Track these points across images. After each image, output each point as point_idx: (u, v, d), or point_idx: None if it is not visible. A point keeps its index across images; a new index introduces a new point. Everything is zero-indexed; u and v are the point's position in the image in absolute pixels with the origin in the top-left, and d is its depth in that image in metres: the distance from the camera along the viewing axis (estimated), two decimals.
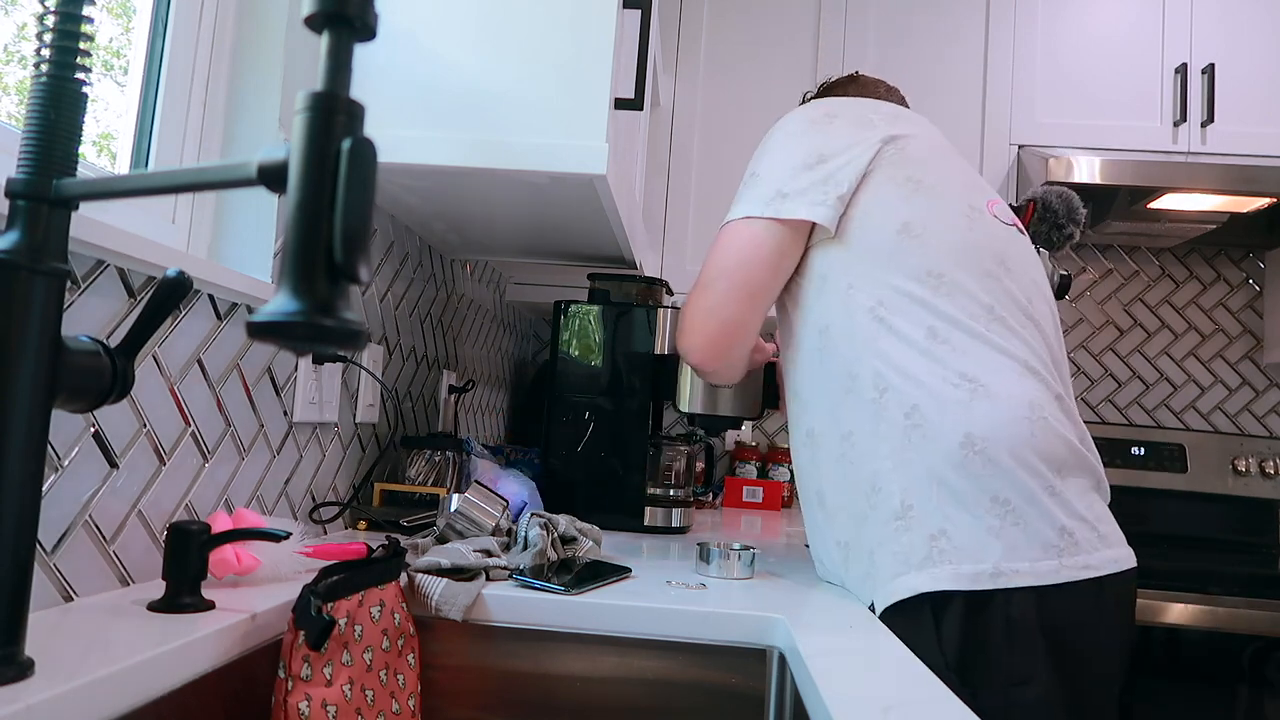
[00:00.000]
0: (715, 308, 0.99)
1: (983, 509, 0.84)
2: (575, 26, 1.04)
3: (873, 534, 0.90)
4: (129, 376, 0.57)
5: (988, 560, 0.83)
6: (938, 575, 0.83)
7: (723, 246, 1.00)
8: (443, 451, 1.37)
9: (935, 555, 0.84)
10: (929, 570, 0.84)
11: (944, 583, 0.83)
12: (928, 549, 0.85)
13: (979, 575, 0.82)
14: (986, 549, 0.83)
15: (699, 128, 2.20)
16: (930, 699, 0.62)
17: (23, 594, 0.52)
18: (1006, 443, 0.86)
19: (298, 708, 0.67)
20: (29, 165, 0.53)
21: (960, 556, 0.83)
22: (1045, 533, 0.85)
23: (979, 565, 0.83)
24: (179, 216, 0.98)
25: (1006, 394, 0.88)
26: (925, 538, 0.85)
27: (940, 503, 0.85)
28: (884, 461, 0.89)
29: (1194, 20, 2.10)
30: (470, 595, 0.86)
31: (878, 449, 0.90)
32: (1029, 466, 0.86)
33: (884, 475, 0.89)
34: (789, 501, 2.31)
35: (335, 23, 0.42)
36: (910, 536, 0.86)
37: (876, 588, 0.89)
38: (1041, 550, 0.84)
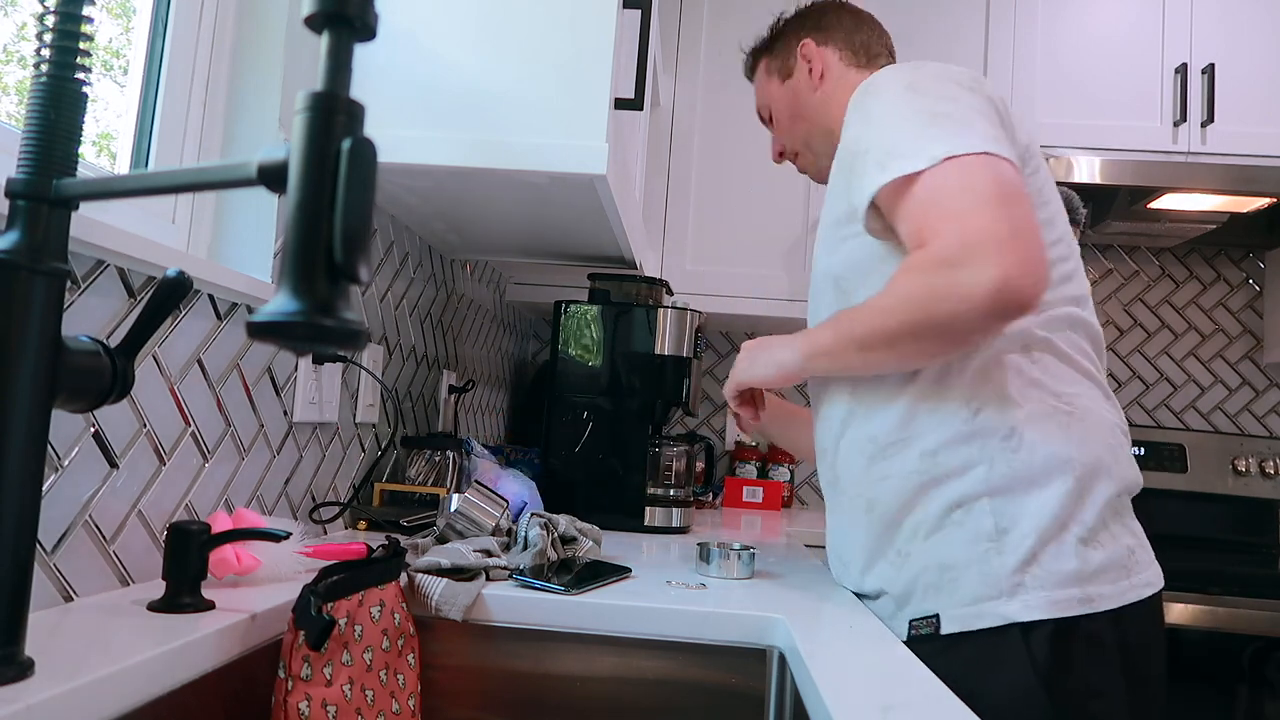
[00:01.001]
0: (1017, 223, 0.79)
1: (1073, 534, 0.84)
2: (575, 26, 1.04)
3: (951, 551, 0.86)
4: (129, 376, 0.57)
5: (1077, 585, 0.82)
6: (1031, 603, 0.82)
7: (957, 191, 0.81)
8: (443, 451, 1.37)
9: (1029, 582, 0.82)
10: (1022, 597, 0.82)
11: (1038, 611, 0.81)
12: (1021, 575, 0.83)
13: (1070, 601, 0.82)
14: (1076, 574, 0.83)
15: (699, 128, 2.20)
16: (930, 699, 0.62)
17: (23, 594, 0.52)
18: (1098, 467, 0.86)
19: (298, 708, 0.67)
20: (29, 165, 0.53)
21: (1052, 582, 0.82)
22: (1119, 554, 0.85)
23: (1069, 591, 0.82)
24: (179, 216, 0.98)
25: (1096, 418, 0.88)
26: (1018, 562, 0.83)
27: (1036, 527, 0.84)
28: (976, 483, 0.86)
29: (1194, 20, 2.10)
30: (470, 595, 0.86)
31: (969, 470, 0.86)
32: (1113, 490, 0.87)
33: (973, 495, 0.86)
34: (789, 501, 2.31)
35: (335, 23, 0.42)
36: (1003, 560, 0.83)
37: (951, 603, 0.86)
38: (1117, 572, 0.85)
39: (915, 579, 0.89)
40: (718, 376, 2.54)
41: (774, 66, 1.22)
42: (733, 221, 2.18)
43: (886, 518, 0.92)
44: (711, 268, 2.17)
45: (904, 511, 0.90)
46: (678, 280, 2.16)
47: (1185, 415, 2.39)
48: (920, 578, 0.88)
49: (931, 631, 0.86)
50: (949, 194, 0.81)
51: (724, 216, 2.18)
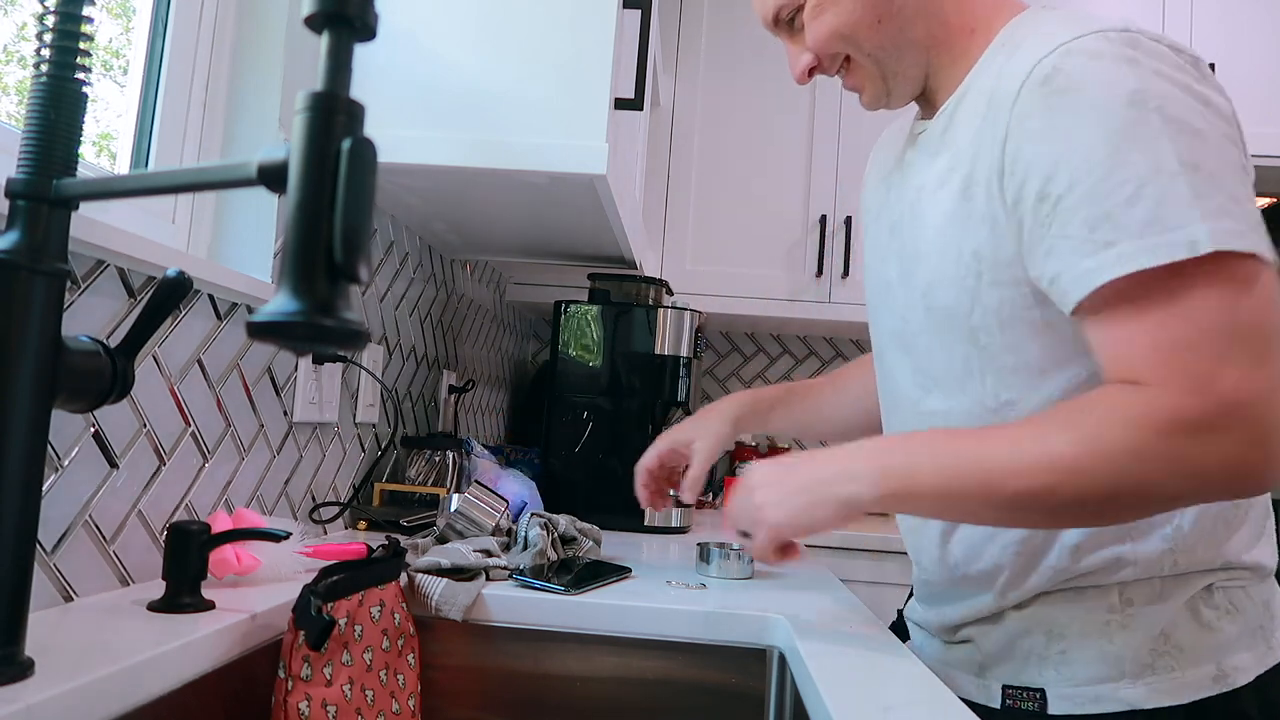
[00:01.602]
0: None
1: (1205, 604, 0.72)
2: (575, 26, 1.04)
3: (1069, 620, 0.73)
4: (129, 376, 0.57)
5: (1209, 661, 0.70)
6: (1159, 688, 0.70)
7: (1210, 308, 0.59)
8: (443, 451, 1.37)
9: (1156, 664, 0.70)
10: (1147, 681, 0.70)
11: (1166, 696, 0.70)
12: (1149, 656, 0.70)
13: (1202, 681, 0.70)
14: (1209, 648, 0.71)
15: (699, 128, 2.20)
16: (930, 699, 0.62)
17: (23, 594, 0.52)
18: (1256, 550, 0.73)
19: (298, 708, 0.67)
20: (29, 165, 0.53)
21: (1183, 661, 0.70)
22: (1256, 614, 0.73)
23: (1201, 668, 0.70)
24: (179, 216, 0.98)
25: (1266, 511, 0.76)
26: (1147, 639, 0.71)
27: (1168, 603, 0.71)
28: (1117, 574, 0.72)
29: (1194, 20, 2.10)
30: (470, 595, 0.86)
31: (1117, 564, 0.72)
32: (1265, 547, 0.75)
33: (1109, 578, 0.73)
34: None
35: (335, 23, 0.42)
36: (1127, 636, 0.71)
37: (1060, 680, 0.73)
38: (1252, 636, 0.72)
39: (1014, 640, 0.76)
40: (718, 376, 2.54)
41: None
42: (733, 221, 2.18)
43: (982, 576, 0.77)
44: (711, 268, 2.17)
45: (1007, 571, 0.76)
46: (678, 280, 2.16)
47: None
48: (1021, 641, 0.76)
49: (1034, 708, 0.73)
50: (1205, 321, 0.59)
51: (724, 216, 2.18)
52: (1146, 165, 0.60)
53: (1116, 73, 0.62)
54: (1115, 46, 0.63)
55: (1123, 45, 0.63)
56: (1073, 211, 0.62)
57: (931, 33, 0.77)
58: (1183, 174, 0.59)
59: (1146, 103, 0.61)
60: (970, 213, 0.70)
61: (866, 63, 0.80)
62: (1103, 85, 0.62)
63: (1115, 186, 0.61)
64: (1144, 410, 0.60)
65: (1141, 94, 0.61)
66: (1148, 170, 0.60)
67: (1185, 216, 0.59)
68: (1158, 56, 0.63)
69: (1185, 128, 0.61)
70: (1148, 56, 0.63)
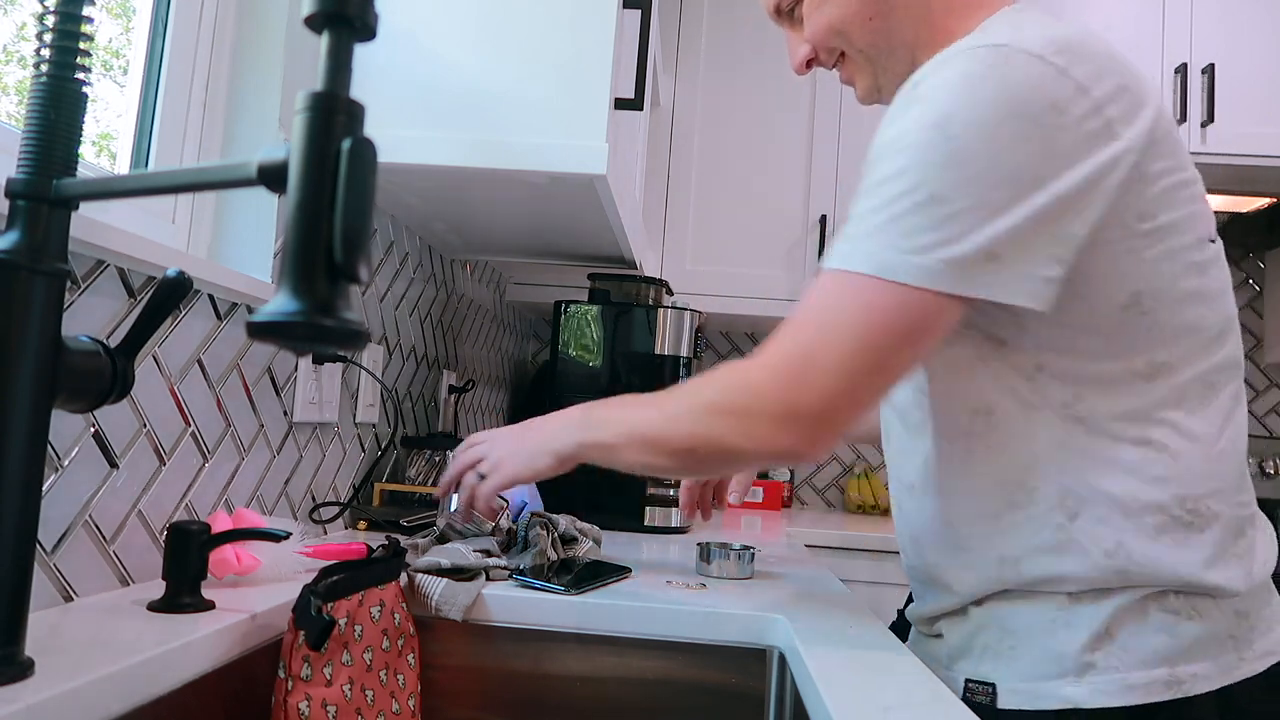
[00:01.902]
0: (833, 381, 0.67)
1: (1157, 605, 0.70)
2: (575, 26, 1.04)
3: (1018, 618, 0.74)
4: (129, 376, 0.57)
5: (1162, 665, 0.68)
6: (1101, 687, 0.69)
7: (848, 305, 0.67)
8: (443, 451, 1.37)
9: (1099, 662, 0.69)
10: (1090, 680, 0.69)
11: (1108, 697, 0.68)
12: (1091, 654, 0.70)
13: (1151, 685, 0.68)
14: (1161, 650, 0.69)
15: (699, 128, 2.20)
16: (930, 699, 0.62)
17: (23, 594, 0.52)
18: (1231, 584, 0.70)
19: (298, 708, 0.67)
20: (29, 165, 0.53)
21: (1128, 662, 0.69)
22: (1227, 623, 0.70)
23: (1151, 671, 0.68)
24: (179, 216, 0.98)
25: (1237, 534, 0.72)
26: (1089, 637, 0.70)
27: (1113, 603, 0.70)
28: (1059, 586, 0.72)
29: (1194, 20, 2.10)
30: (470, 595, 0.86)
31: (1059, 580, 0.72)
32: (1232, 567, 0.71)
33: (1054, 588, 0.72)
34: (789, 501, 2.31)
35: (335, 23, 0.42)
36: (1070, 634, 0.71)
37: (1010, 675, 0.74)
38: (1221, 643, 0.69)
39: (974, 634, 0.78)
40: None
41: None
42: (733, 221, 2.18)
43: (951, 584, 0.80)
44: (711, 268, 2.17)
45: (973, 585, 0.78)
46: (678, 280, 2.16)
47: None
48: (979, 636, 0.77)
49: (987, 702, 0.74)
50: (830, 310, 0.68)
51: (724, 216, 2.18)
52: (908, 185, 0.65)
53: (945, 93, 0.66)
54: (973, 65, 0.66)
55: (981, 64, 0.65)
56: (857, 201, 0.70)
57: (919, 33, 0.79)
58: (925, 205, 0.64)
59: (948, 127, 0.65)
60: None
61: (859, 58, 0.83)
62: (930, 102, 0.66)
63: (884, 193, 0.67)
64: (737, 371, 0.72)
65: (949, 119, 0.65)
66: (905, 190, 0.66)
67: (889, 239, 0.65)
68: (1012, 83, 0.64)
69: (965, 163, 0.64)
70: (998, 82, 0.64)
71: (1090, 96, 0.65)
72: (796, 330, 0.69)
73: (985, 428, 0.74)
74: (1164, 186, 0.68)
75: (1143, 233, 0.68)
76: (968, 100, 0.65)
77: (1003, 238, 0.64)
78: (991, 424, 0.74)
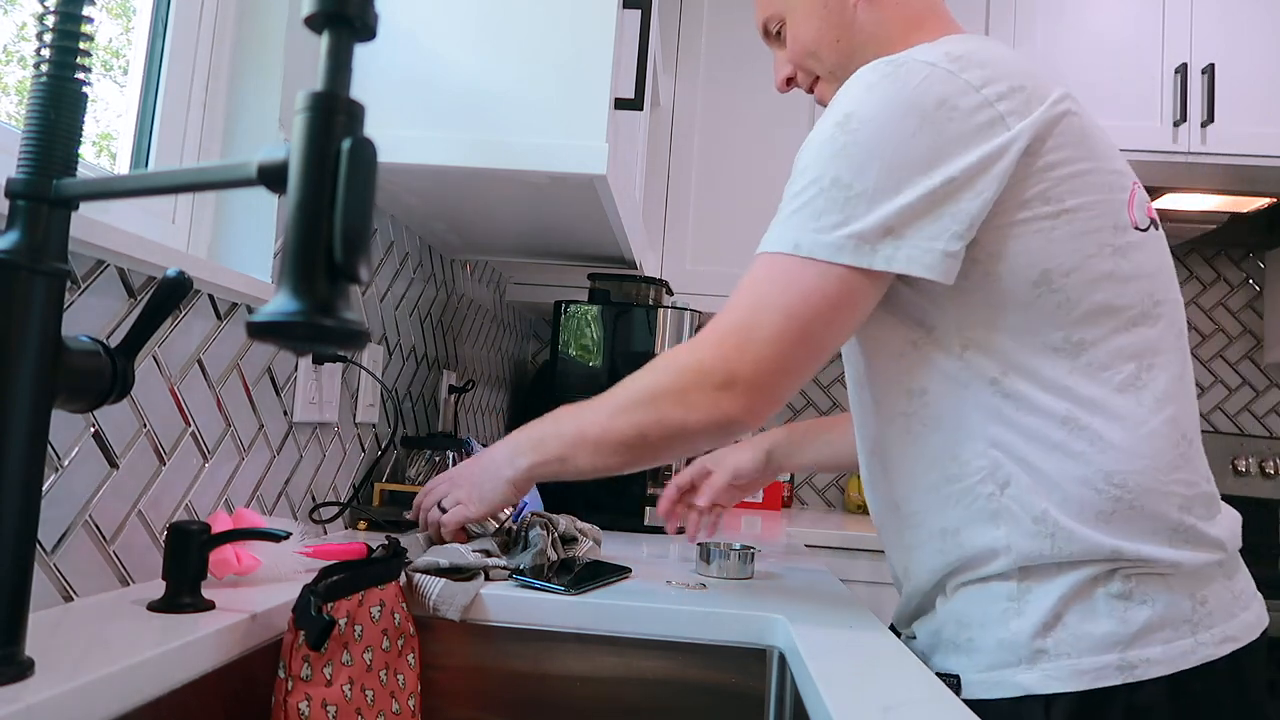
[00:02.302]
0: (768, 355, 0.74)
1: (1104, 589, 0.72)
2: (575, 26, 1.04)
3: (972, 609, 0.77)
4: (129, 376, 0.57)
5: (1113, 650, 0.70)
6: (1052, 673, 0.71)
7: (774, 282, 0.75)
8: (443, 451, 1.37)
9: (1049, 648, 0.71)
10: (1042, 666, 0.71)
11: (1059, 683, 0.70)
12: (1041, 640, 0.72)
13: (1104, 670, 0.70)
14: (1110, 636, 0.70)
15: (699, 128, 2.20)
16: (930, 699, 0.62)
17: (23, 594, 0.52)
18: (1152, 544, 0.72)
19: (298, 708, 0.67)
20: (29, 165, 0.53)
21: (1078, 648, 0.71)
22: (1179, 606, 0.71)
23: (1101, 656, 0.70)
24: (179, 216, 0.98)
25: (1157, 496, 0.73)
26: (1039, 624, 0.72)
27: (1059, 588, 0.72)
28: (999, 561, 0.75)
29: (1194, 20, 2.10)
30: (468, 595, 0.86)
31: (994, 552, 0.75)
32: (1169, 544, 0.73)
33: (997, 565, 0.75)
34: (789, 502, 2.31)
35: (335, 23, 0.42)
36: (1021, 622, 0.73)
37: (970, 666, 0.77)
38: (1174, 629, 0.70)
39: (938, 630, 0.81)
40: None
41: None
42: (733, 221, 2.18)
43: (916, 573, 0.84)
44: (711, 268, 2.17)
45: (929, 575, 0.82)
46: (678, 280, 2.16)
47: None
48: (942, 631, 0.81)
49: (953, 692, 0.74)
50: (765, 298, 0.75)
51: (724, 216, 2.19)
52: (814, 175, 0.74)
53: (848, 96, 0.75)
54: (872, 74, 0.75)
55: (878, 74, 0.74)
56: (785, 192, 0.78)
57: (879, 51, 0.85)
58: (829, 190, 0.73)
59: (848, 124, 0.73)
60: None
61: (829, 78, 0.92)
62: (837, 105, 0.76)
63: (797, 185, 0.76)
64: (670, 355, 0.80)
65: (848, 117, 0.74)
66: (812, 179, 0.74)
67: (802, 222, 0.74)
68: (904, 85, 0.72)
69: (861, 151, 0.72)
70: (892, 84, 0.73)
71: (980, 94, 0.72)
72: (731, 309, 0.76)
73: (920, 407, 0.79)
74: (1067, 173, 0.73)
75: (1048, 214, 0.73)
76: (865, 100, 0.73)
77: (898, 214, 0.71)
78: (925, 403, 0.78)
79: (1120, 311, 0.74)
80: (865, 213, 0.71)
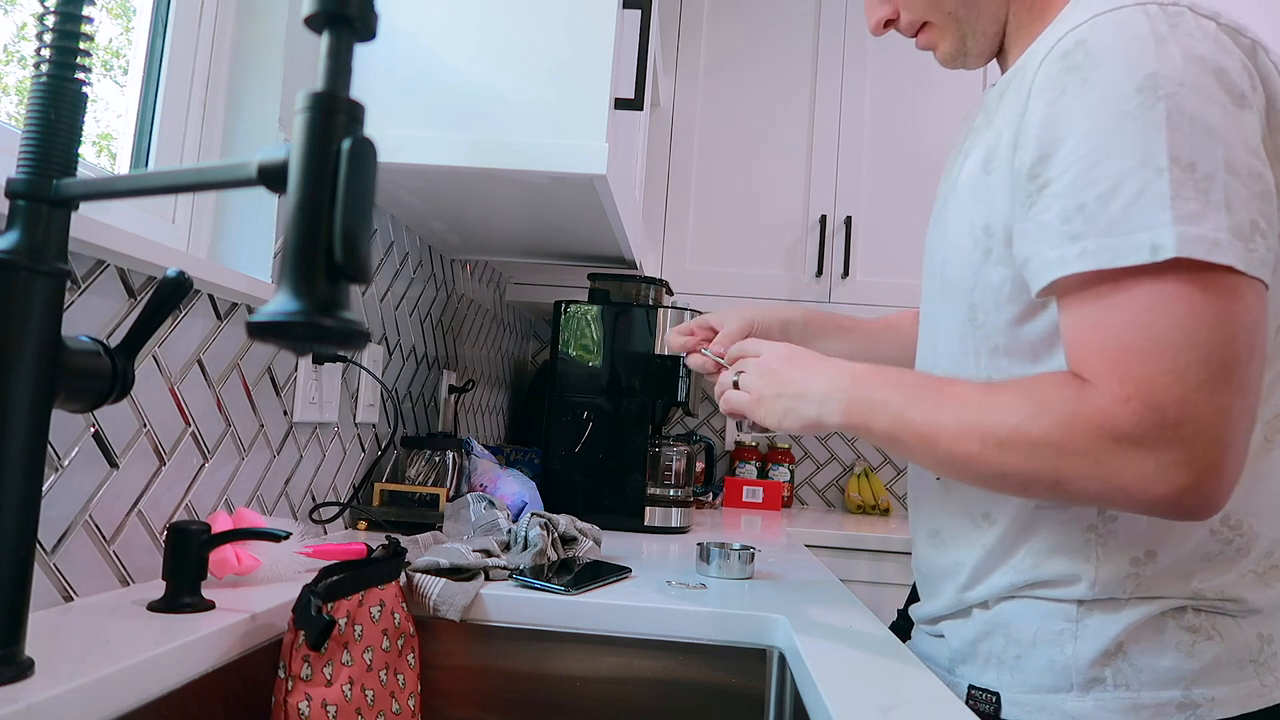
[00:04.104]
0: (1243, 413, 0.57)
1: (1175, 622, 0.66)
2: (575, 27, 1.04)
3: (1024, 625, 0.71)
4: (129, 376, 0.57)
5: (1176, 686, 0.65)
6: (1108, 704, 0.66)
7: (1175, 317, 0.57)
8: (443, 451, 1.37)
9: (1107, 678, 0.66)
10: (1096, 695, 0.66)
11: (1116, 715, 0.65)
12: (1099, 669, 0.67)
13: (1163, 708, 0.64)
14: (1174, 670, 0.65)
15: (699, 128, 2.20)
16: (930, 699, 0.62)
17: (23, 594, 0.52)
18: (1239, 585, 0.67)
19: (298, 708, 0.67)
20: (29, 165, 0.53)
21: (1139, 681, 0.66)
22: (1249, 645, 0.66)
23: (1163, 692, 0.65)
24: (179, 216, 0.98)
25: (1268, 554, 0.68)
26: (1099, 651, 0.67)
27: (1129, 617, 0.67)
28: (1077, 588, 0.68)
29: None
30: (468, 595, 0.86)
31: (1075, 578, 0.69)
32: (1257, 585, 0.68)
33: (1073, 592, 0.69)
34: (789, 501, 2.31)
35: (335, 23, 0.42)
36: (1079, 646, 0.67)
37: (1013, 685, 0.72)
38: (1239, 668, 0.65)
39: (978, 640, 0.75)
40: None
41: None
42: (733, 221, 2.18)
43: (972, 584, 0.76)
44: (711, 268, 2.17)
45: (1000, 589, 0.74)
46: (678, 280, 2.16)
47: None
48: (983, 642, 0.74)
49: (990, 711, 0.72)
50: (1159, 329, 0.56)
51: (724, 216, 2.19)
52: (1134, 158, 0.58)
53: (1137, 52, 0.59)
54: (1150, 22, 0.60)
55: (1159, 21, 0.60)
56: (1055, 197, 0.61)
57: None
58: (1169, 171, 0.56)
59: (1158, 89, 0.58)
60: (988, 186, 0.69)
61: (947, 20, 0.79)
62: (1118, 65, 0.60)
63: (1097, 178, 0.59)
64: (1076, 408, 0.59)
65: (1155, 79, 0.58)
66: (1134, 163, 0.58)
67: (1156, 218, 0.56)
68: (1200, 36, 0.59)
69: (1193, 121, 0.57)
70: (1186, 36, 0.59)
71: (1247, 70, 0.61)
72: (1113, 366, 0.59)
73: None
74: None
75: None
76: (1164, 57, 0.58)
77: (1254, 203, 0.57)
78: None
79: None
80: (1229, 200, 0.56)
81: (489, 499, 1.17)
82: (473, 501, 1.15)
